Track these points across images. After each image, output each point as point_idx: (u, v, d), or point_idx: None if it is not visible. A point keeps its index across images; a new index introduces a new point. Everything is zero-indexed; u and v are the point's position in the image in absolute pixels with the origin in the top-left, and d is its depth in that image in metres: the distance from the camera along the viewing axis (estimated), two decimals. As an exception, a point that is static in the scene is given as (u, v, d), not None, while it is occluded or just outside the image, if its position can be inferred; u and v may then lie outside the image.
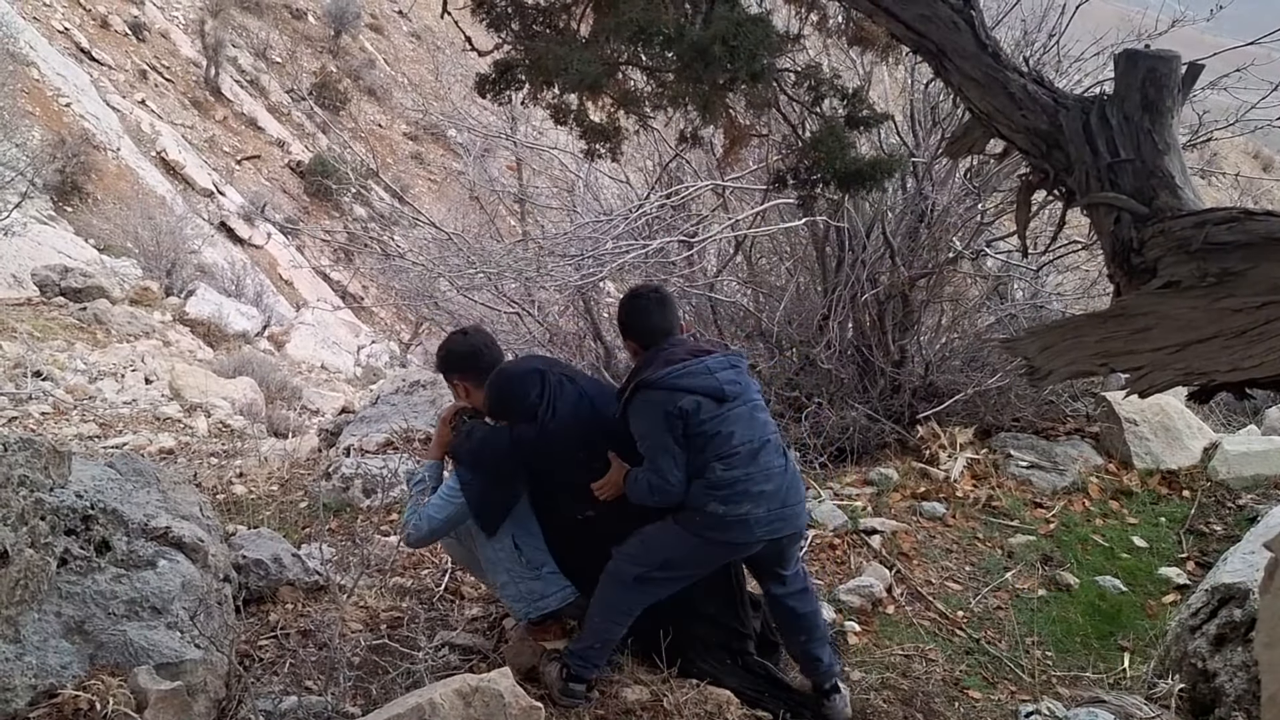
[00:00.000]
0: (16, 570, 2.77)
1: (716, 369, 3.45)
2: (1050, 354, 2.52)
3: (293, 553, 4.35)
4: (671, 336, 3.59)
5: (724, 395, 3.41)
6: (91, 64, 27.63)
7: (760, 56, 2.52)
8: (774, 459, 3.49)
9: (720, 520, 3.39)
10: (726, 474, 3.38)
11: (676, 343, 3.56)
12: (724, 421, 3.40)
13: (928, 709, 3.81)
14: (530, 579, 3.66)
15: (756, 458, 3.43)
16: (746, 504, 3.39)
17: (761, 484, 3.42)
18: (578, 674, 3.50)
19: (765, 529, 3.43)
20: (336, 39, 37.20)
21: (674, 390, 3.38)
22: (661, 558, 3.49)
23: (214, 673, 3.10)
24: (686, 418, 3.36)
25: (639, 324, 3.65)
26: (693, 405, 3.36)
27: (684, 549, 3.47)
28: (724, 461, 3.38)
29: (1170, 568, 4.86)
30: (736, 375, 3.50)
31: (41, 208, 18.79)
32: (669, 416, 3.36)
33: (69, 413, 8.44)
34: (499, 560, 3.66)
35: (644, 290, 3.81)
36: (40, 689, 2.70)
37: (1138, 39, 6.08)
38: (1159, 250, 2.28)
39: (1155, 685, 3.89)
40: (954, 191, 6.27)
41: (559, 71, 2.66)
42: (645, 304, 3.66)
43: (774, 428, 3.59)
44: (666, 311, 3.65)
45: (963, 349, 6.56)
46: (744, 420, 3.45)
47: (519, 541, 3.65)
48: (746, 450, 3.42)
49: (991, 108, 2.52)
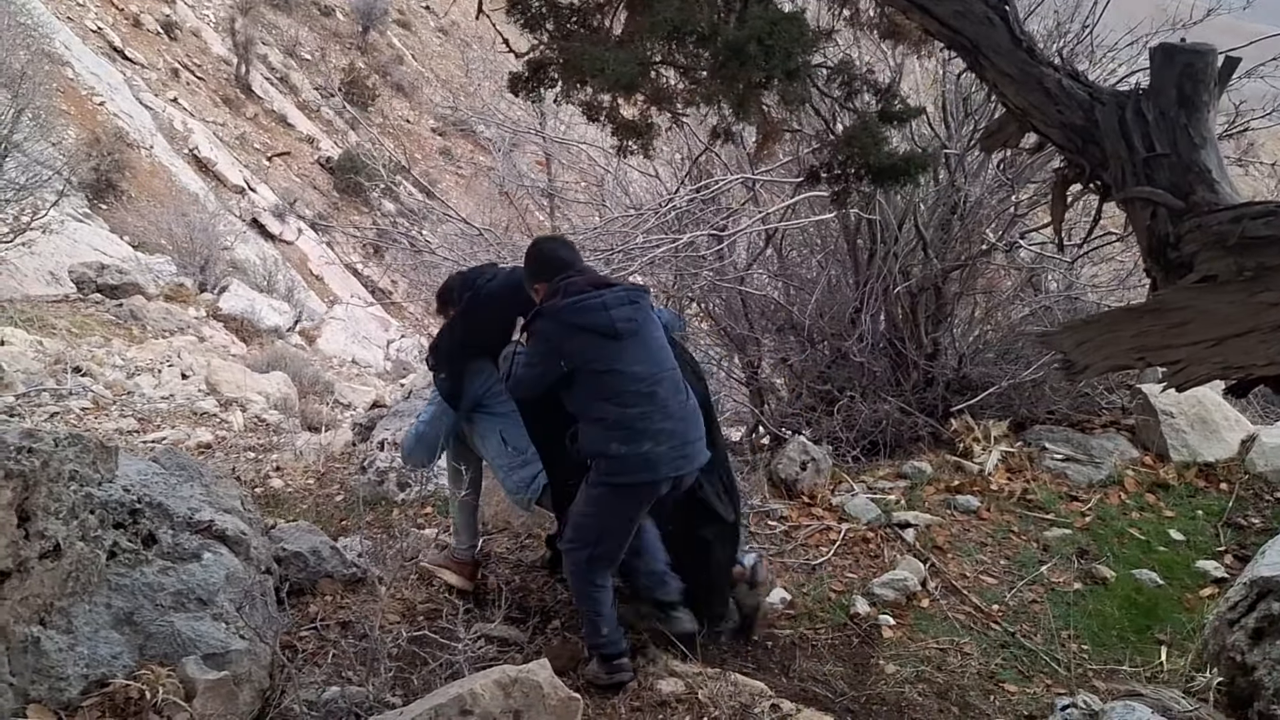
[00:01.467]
0: (68, 563, 2.84)
1: (613, 305, 3.53)
2: (1086, 348, 2.52)
3: (331, 545, 4.42)
4: (575, 266, 3.72)
5: (616, 332, 3.51)
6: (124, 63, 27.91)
7: (795, 55, 2.53)
8: (671, 395, 3.56)
9: (623, 461, 3.49)
10: (622, 413, 3.48)
11: (580, 271, 3.70)
12: (617, 359, 3.50)
13: (963, 702, 3.82)
14: (519, 466, 4.00)
15: (654, 396, 3.51)
16: (647, 442, 3.48)
17: (660, 422, 3.50)
18: (610, 654, 3.60)
19: (669, 466, 3.53)
20: (364, 35, 37.37)
21: (568, 326, 3.52)
22: (595, 533, 3.60)
23: (258, 663, 3.16)
24: (573, 358, 3.51)
25: (545, 262, 3.74)
26: (579, 347, 3.51)
27: (605, 508, 3.59)
28: (618, 400, 3.49)
29: (1208, 561, 4.83)
30: (634, 312, 3.58)
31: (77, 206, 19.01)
32: (554, 353, 3.54)
33: (108, 408, 8.56)
34: (496, 458, 4.08)
35: (545, 237, 4.18)
36: (92, 678, 2.77)
37: (1172, 28, 6.03)
38: (1196, 245, 2.27)
39: (1193, 679, 3.87)
40: (987, 183, 6.25)
41: (595, 72, 2.68)
42: (551, 245, 3.89)
43: (673, 364, 3.66)
44: (571, 250, 3.85)
45: (996, 342, 6.54)
46: (639, 358, 3.54)
47: (505, 435, 4.02)
48: (643, 388, 3.51)
49: (1027, 103, 2.52)
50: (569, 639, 3.93)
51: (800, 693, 3.78)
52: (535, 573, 4.61)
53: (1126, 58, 6.38)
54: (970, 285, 6.51)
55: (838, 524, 5.16)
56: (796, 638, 4.26)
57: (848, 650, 4.21)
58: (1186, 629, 4.34)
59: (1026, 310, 6.64)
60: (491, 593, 4.33)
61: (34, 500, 2.73)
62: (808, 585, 4.67)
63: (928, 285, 6.21)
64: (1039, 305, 6.57)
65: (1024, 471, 5.60)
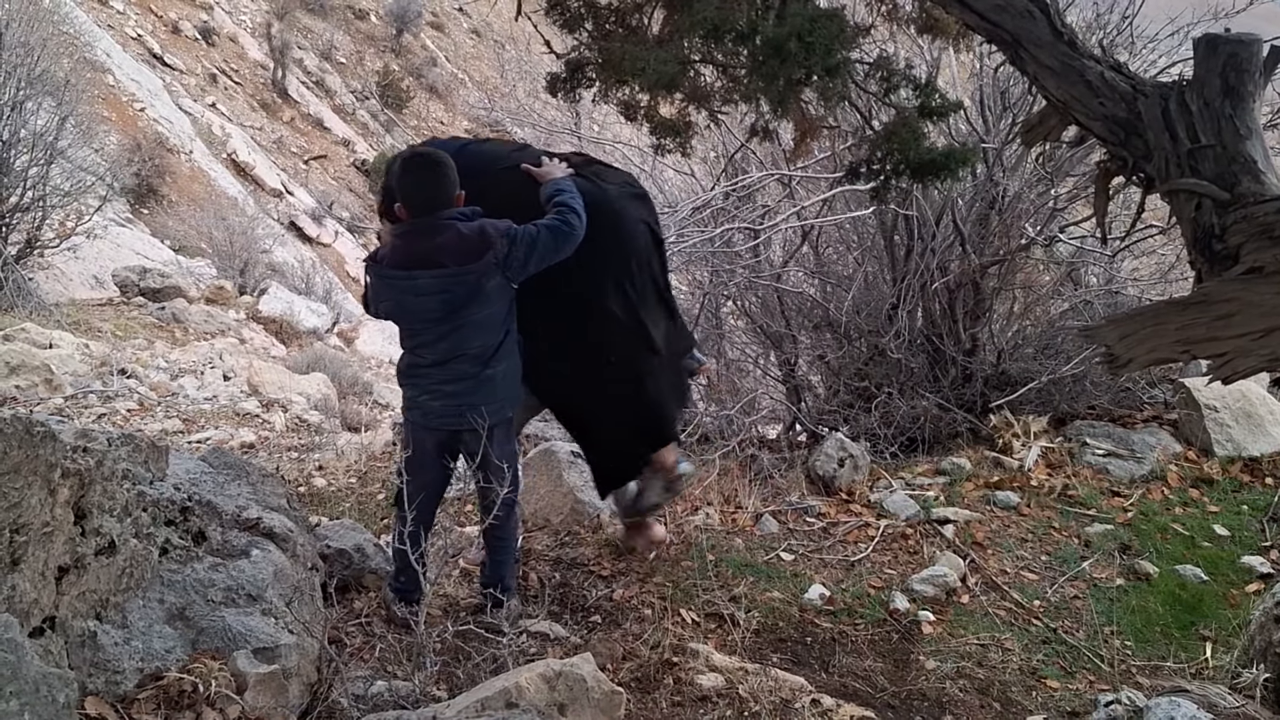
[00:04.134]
0: (123, 559, 2.90)
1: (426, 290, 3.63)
2: (1130, 342, 2.51)
3: (374, 543, 4.48)
4: (437, 212, 3.60)
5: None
6: (164, 69, 28.33)
7: (835, 51, 2.54)
8: (468, 368, 3.73)
9: (411, 402, 3.84)
10: (422, 365, 3.76)
11: (423, 230, 3.60)
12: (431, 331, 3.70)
13: (1004, 698, 3.81)
14: None
15: (447, 364, 3.73)
16: (424, 396, 3.79)
17: (449, 384, 3.74)
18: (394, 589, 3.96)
19: (439, 420, 3.80)
20: (398, 38, 37.67)
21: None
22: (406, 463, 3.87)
23: (306, 657, 3.21)
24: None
25: (409, 196, 3.65)
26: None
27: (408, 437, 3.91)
28: (423, 351, 3.74)
29: (1253, 556, 4.77)
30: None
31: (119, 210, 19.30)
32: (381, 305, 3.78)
33: (153, 409, 8.70)
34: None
35: (415, 155, 3.79)
36: (147, 672, 2.82)
37: (1214, 18, 5.95)
38: (1241, 236, 2.26)
39: (1239, 675, 3.83)
40: (1025, 177, 6.20)
41: (637, 72, 2.70)
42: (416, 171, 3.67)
43: (480, 342, 3.71)
44: (438, 178, 3.62)
45: (1036, 336, 6.49)
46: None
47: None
48: (441, 353, 3.71)
49: (1069, 96, 2.51)
50: (611, 635, 3.96)
51: (840, 688, 3.78)
52: (576, 569, 4.65)
53: (1167, 48, 6.32)
54: (1009, 280, 6.46)
55: (876, 520, 5.15)
56: (836, 633, 4.26)
57: (887, 646, 4.21)
58: (1231, 625, 4.30)
59: (1066, 305, 6.59)
60: (533, 589, 4.37)
61: (90, 498, 2.80)
62: (846, 581, 4.67)
63: (966, 281, 6.18)
64: (1079, 300, 6.51)
65: (1064, 467, 5.55)
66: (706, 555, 4.72)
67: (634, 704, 3.39)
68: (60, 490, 2.64)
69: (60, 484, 2.63)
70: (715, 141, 7.32)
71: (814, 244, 6.96)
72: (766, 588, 4.56)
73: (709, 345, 7.11)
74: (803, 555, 4.87)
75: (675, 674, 3.60)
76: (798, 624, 4.31)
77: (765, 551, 4.89)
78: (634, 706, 3.36)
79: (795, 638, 4.19)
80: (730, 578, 4.58)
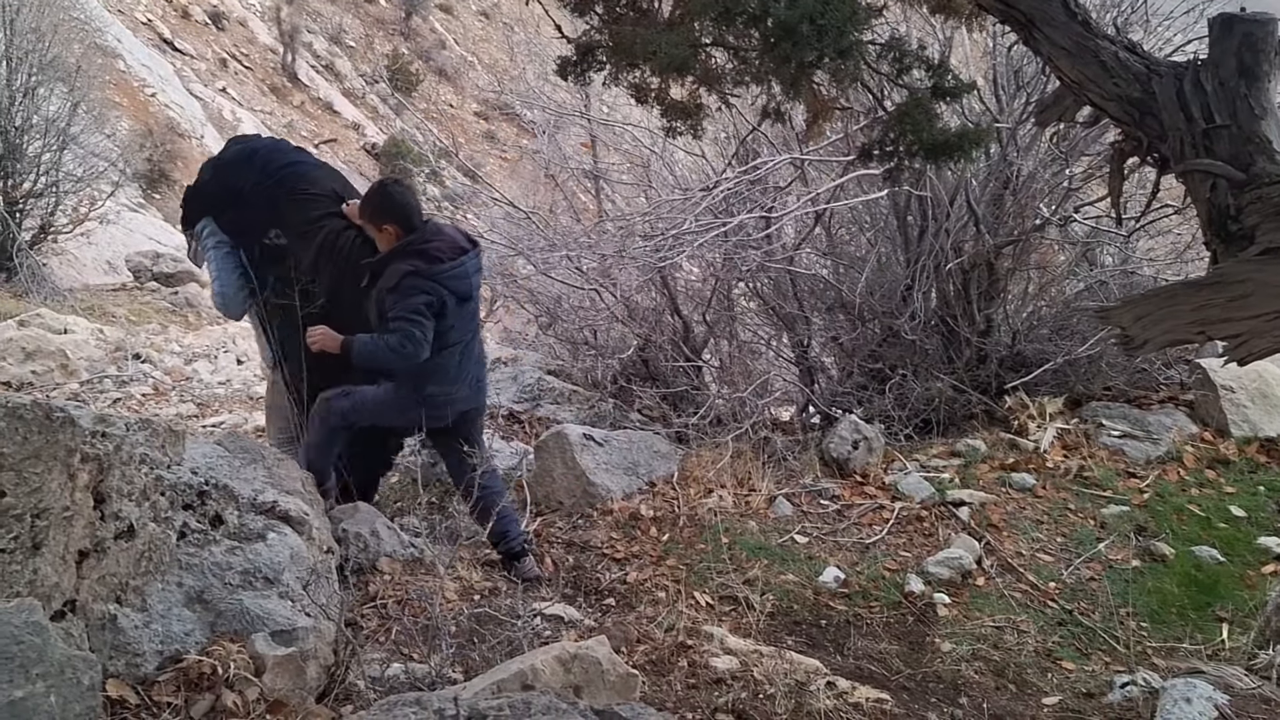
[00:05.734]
0: (141, 543, 2.93)
1: (472, 271, 4.15)
2: (1145, 323, 2.50)
3: (389, 526, 4.50)
4: (428, 223, 4.19)
5: (470, 296, 4.16)
6: (174, 54, 28.37)
7: (848, 33, 2.53)
8: (475, 348, 4.31)
9: (433, 398, 4.15)
10: (448, 361, 4.12)
11: (434, 233, 4.13)
12: (458, 317, 4.11)
13: (1020, 680, 3.81)
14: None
15: (469, 348, 4.24)
16: (454, 386, 4.19)
17: (469, 368, 4.24)
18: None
19: (462, 405, 4.27)
20: (407, 21, 37.61)
21: (442, 287, 4.02)
22: (370, 419, 4.26)
23: (323, 640, 3.23)
24: (442, 309, 4.03)
25: (400, 209, 4.15)
26: (442, 303, 4.03)
27: (394, 412, 4.21)
28: (449, 351, 4.11)
29: (1270, 537, 4.76)
30: (478, 278, 4.25)
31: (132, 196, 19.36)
32: (431, 305, 4.00)
33: (168, 393, 8.74)
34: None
35: (390, 180, 4.47)
36: (166, 654, 2.85)
37: (1231, -4, 5.88)
38: (1257, 216, 2.25)
39: (1255, 656, 3.83)
40: (1040, 157, 6.16)
41: (648, 54, 2.69)
42: (401, 191, 4.24)
43: (478, 321, 4.40)
44: (416, 197, 4.32)
45: (1051, 317, 6.46)
46: (468, 317, 4.21)
47: None
48: (464, 342, 4.19)
49: (1083, 76, 2.49)
50: (625, 618, 3.98)
51: (856, 670, 3.80)
52: (589, 552, 4.67)
53: (1182, 25, 6.25)
54: (1023, 261, 6.43)
55: (891, 503, 5.15)
56: (851, 616, 4.27)
57: (902, 628, 4.22)
58: (1248, 606, 4.29)
59: (1081, 285, 6.55)
60: (547, 572, 4.39)
61: (109, 483, 2.82)
62: (861, 564, 4.68)
63: (980, 261, 6.15)
64: (1094, 280, 6.48)
65: (1080, 448, 5.54)
66: (720, 538, 4.73)
67: (649, 686, 3.41)
68: (80, 475, 2.66)
69: (80, 469, 2.65)
70: (726, 124, 7.28)
71: (826, 225, 6.92)
72: (781, 570, 4.57)
73: (721, 327, 7.11)
74: (817, 538, 4.88)
75: (690, 657, 3.61)
76: (812, 607, 4.33)
77: (779, 534, 4.89)
78: (649, 689, 3.38)
79: (810, 620, 4.20)
80: (744, 560, 4.60)
